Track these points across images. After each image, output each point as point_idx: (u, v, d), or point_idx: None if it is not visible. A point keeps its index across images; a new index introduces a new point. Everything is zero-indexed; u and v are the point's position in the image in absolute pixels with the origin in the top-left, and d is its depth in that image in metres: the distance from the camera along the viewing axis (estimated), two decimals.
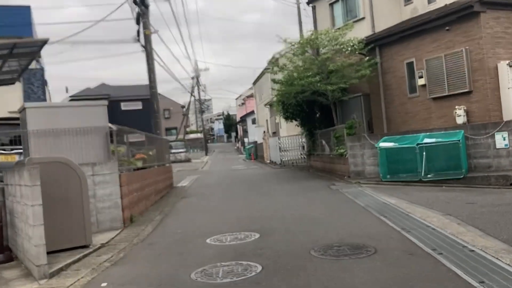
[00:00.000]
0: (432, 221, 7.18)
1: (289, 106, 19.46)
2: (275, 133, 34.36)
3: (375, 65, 16.32)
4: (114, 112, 49.99)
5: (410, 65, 15.50)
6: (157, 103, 18.90)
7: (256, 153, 36.78)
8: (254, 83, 45.79)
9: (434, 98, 14.63)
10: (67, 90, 44.97)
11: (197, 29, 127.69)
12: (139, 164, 12.81)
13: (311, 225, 7.68)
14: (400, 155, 13.05)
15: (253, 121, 49.77)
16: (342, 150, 15.07)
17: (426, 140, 12.59)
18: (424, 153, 12.39)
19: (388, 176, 13.07)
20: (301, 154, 23.74)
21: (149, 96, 45.96)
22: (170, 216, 10.45)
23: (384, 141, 13.40)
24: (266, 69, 38.07)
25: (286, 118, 20.83)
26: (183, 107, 76.09)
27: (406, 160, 12.98)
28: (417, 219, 7.44)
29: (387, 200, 9.82)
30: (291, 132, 29.79)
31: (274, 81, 18.51)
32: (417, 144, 12.49)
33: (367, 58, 16.19)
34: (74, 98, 45.56)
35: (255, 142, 37.59)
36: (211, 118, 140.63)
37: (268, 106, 36.77)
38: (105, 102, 10.55)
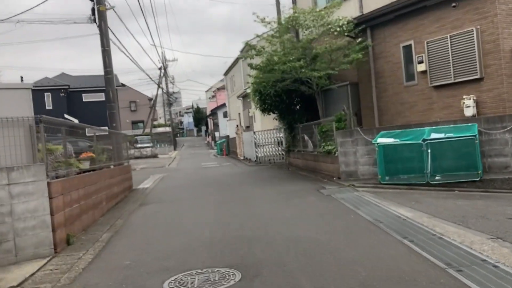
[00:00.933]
0: (484, 250, 5.14)
1: (267, 97, 17.26)
2: (248, 127, 32.17)
3: (366, 49, 14.30)
4: (75, 104, 46.70)
5: (407, 49, 13.53)
6: (113, 92, 16.39)
7: (228, 148, 34.52)
8: (226, 73, 43.41)
9: (437, 87, 12.71)
10: (22, 80, 41.39)
11: (165, 20, 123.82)
12: (85, 165, 10.40)
13: (313, 256, 5.51)
14: (401, 153, 11.07)
15: (225, 115, 47.42)
16: (330, 147, 13.00)
17: (434, 136, 10.63)
18: (429, 150, 10.44)
19: (387, 178, 11.07)
20: (278, 150, 21.60)
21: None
22: (121, 233, 8.11)
23: (382, 136, 11.38)
24: (239, 57, 35.79)
25: (263, 111, 18.62)
26: (150, 99, 72.91)
27: (409, 159, 11.01)
28: (460, 247, 5.38)
29: (399, 212, 7.77)
30: (266, 126, 27.62)
31: (250, 66, 16.26)
32: (423, 140, 10.52)
33: (359, 40, 14.12)
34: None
35: (227, 137, 35.32)
36: (180, 112, 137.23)
37: (241, 98, 34.51)
38: (30, 85, 8.13)
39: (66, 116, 44.04)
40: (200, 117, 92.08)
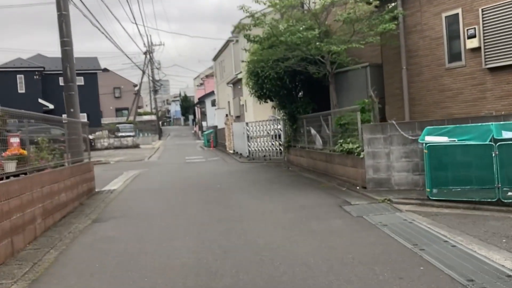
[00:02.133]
0: None
1: (265, 80, 13.99)
2: (239, 117, 28.91)
3: (395, 19, 11.09)
4: (51, 88, 42.90)
5: (452, 20, 10.36)
6: (72, 69, 12.96)
7: (216, 140, 31.23)
8: (215, 58, 39.97)
9: (493, 69, 9.59)
10: None
11: (152, 7, 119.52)
12: (9, 167, 7.13)
13: None
14: (458, 156, 7.93)
15: (213, 103, 44.04)
16: (351, 145, 9.81)
17: (507, 135, 7.52)
18: (500, 154, 7.33)
19: (436, 191, 7.94)
20: (275, 145, 18.35)
21: (92, 70, 39.16)
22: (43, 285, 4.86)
23: (429, 133, 8.23)
24: (229, 40, 32.40)
25: (260, 97, 15.38)
26: (135, 85, 69.09)
27: (468, 166, 7.88)
28: None
29: (496, 261, 4.67)
30: (259, 117, 24.38)
31: (247, 38, 12.90)
32: (494, 141, 7.41)
33: (390, 7, 10.91)
34: None
35: (215, 127, 32.02)
36: (167, 100, 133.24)
37: (231, 85, 31.18)
38: None
39: (40, 100, 40.33)
40: (187, 105, 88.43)
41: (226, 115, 25.55)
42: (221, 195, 10.40)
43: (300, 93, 14.77)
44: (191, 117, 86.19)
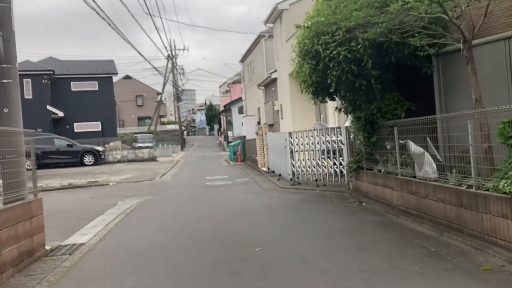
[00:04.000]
0: None
1: (330, 64, 8.45)
2: (272, 126, 23.50)
3: None
4: (62, 93, 38.23)
5: None
6: (9, 40, 7.56)
7: (244, 152, 25.83)
8: (242, 60, 34.76)
9: None
10: None
11: (181, 18, 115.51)
12: None
13: None
14: None
15: (240, 110, 38.80)
16: None
17: None
18: None
19: None
20: (330, 164, 12.66)
21: (107, 74, 34.35)
22: None
23: None
24: (260, 35, 27.12)
25: (317, 93, 9.93)
26: (159, 93, 64.61)
27: None
28: None
29: None
30: (298, 125, 18.93)
31: None
32: None
33: None
34: None
35: (243, 138, 26.66)
36: (193, 109, 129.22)
37: (263, 88, 25.82)
38: None
39: (48, 107, 35.81)
40: (212, 114, 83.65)
41: (258, 123, 20.18)
42: (262, 275, 4.92)
43: (380, 86, 9.20)
44: (216, 126, 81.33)
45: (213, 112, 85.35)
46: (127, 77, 70.88)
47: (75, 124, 37.33)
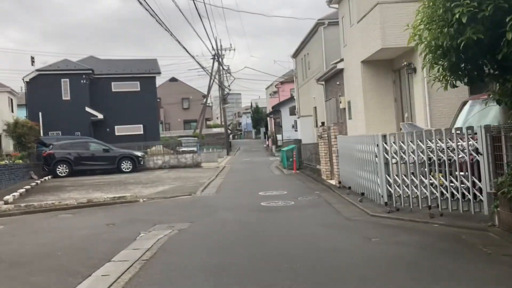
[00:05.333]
0: None
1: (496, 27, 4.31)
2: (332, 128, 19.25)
3: None
4: (102, 94, 35.39)
5: None
6: None
7: (299, 159, 21.75)
8: (295, 55, 30.71)
9: None
10: (33, 62, 31.04)
11: (227, 23, 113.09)
12: None
13: None
14: None
15: (292, 111, 34.73)
16: None
17: None
18: None
19: None
20: (441, 181, 8.33)
21: (150, 74, 31.40)
22: None
23: None
24: (318, 23, 23.00)
25: (474, 78, 5.74)
26: (204, 96, 61.62)
27: None
28: None
29: None
30: (374, 127, 14.82)
31: None
32: None
33: None
34: (41, 71, 31.52)
35: (298, 142, 22.57)
36: (238, 112, 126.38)
37: (323, 83, 21.66)
38: None
39: (87, 109, 33.18)
40: (259, 117, 79.95)
41: (322, 123, 15.99)
42: None
43: None
44: (262, 129, 77.59)
45: (259, 115, 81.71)
46: (173, 80, 68.47)
47: (116, 127, 34.55)
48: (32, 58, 30.81)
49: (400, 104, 15.48)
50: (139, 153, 25.70)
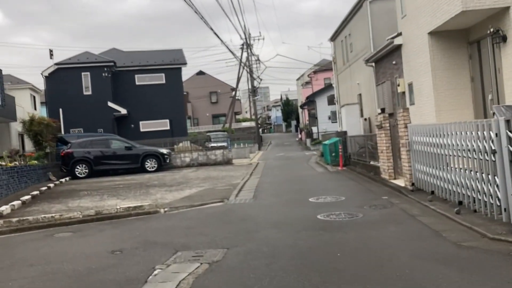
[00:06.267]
0: None
1: None
2: (391, 116, 16.20)
3: None
4: (125, 88, 32.98)
5: None
6: None
7: (345, 153, 18.82)
8: (333, 38, 27.61)
9: None
10: (51, 55, 29.06)
11: (252, 16, 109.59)
12: None
13: None
14: None
15: (330, 101, 31.64)
16: None
17: None
18: None
19: None
20: None
21: (175, 65, 28.97)
22: None
23: None
24: None
25: None
26: (233, 89, 59.08)
27: None
28: None
29: None
30: (449, 114, 11.83)
31: None
32: None
33: None
34: (60, 65, 29.54)
35: (343, 134, 19.59)
36: (267, 106, 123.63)
37: (372, 65, 18.59)
38: None
39: (110, 104, 31.03)
40: (289, 110, 76.97)
41: (382, 110, 12.96)
42: None
43: None
44: (293, 122, 74.62)
45: (289, 107, 78.72)
46: (200, 73, 66.23)
47: (140, 123, 32.33)
48: (51, 51, 28.82)
49: (479, 84, 12.33)
50: (164, 151, 23.28)
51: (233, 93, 54.93)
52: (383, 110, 12.71)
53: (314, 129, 39.11)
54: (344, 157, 18.61)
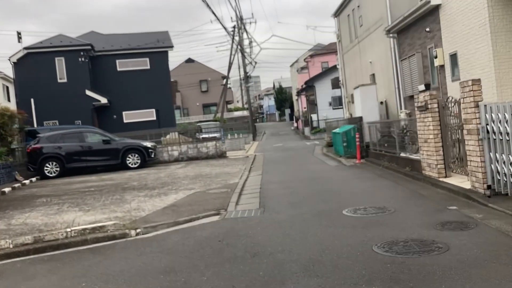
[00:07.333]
0: None
1: None
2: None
3: None
4: (106, 75, 28.60)
5: None
6: None
7: (362, 143, 15.70)
8: (337, 13, 24.36)
9: None
10: (19, 38, 25.44)
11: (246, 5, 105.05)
12: None
13: None
14: None
15: (335, 84, 28.44)
16: None
17: None
18: None
19: None
20: None
21: (161, 48, 25.48)
22: None
23: None
24: None
25: None
26: (224, 77, 55.64)
27: None
28: None
29: None
30: (511, 86, 8.64)
31: None
32: None
33: None
34: (31, 49, 26.03)
35: (359, 120, 16.43)
36: (259, 95, 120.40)
37: (395, 36, 15.39)
38: None
39: (88, 93, 27.57)
40: (283, 98, 73.81)
41: (426, 86, 9.84)
42: None
43: None
44: (287, 111, 71.53)
45: (283, 95, 75.56)
46: (190, 61, 62.64)
47: (124, 113, 28.92)
48: (19, 33, 25.21)
49: None
50: (149, 144, 20.00)
51: (224, 81, 51.55)
52: (427, 87, 9.65)
53: (314, 116, 35.98)
54: (363, 149, 15.50)
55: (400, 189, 9.11)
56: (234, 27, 39.67)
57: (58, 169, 18.30)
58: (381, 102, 17.97)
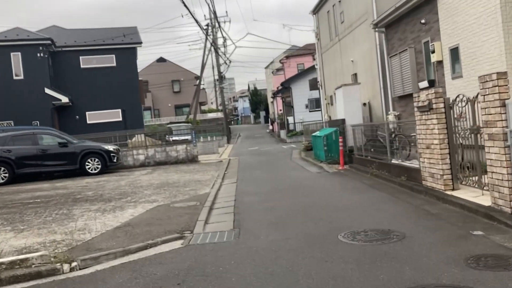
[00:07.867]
0: None
1: None
2: (434, 90, 11.69)
3: None
4: (68, 72, 25.36)
5: None
6: None
7: (346, 148, 14.27)
8: (316, 10, 22.99)
9: None
10: None
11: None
12: None
13: None
14: None
15: (313, 85, 27.07)
16: None
17: None
18: None
19: None
20: None
21: (129, 45, 23.82)
22: None
23: None
24: None
25: None
26: (197, 77, 53.72)
27: None
28: None
29: None
30: None
31: None
32: None
33: None
34: None
35: (341, 122, 15.00)
36: (233, 97, 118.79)
37: (383, 30, 14.02)
38: None
39: (47, 91, 25.32)
40: (258, 100, 72.36)
41: (430, 82, 8.43)
42: None
43: None
44: (262, 113, 70.17)
45: (258, 97, 74.13)
46: (161, 60, 60.41)
47: (87, 113, 26.77)
48: None
49: None
50: (111, 147, 18.06)
51: (198, 81, 49.69)
52: (431, 83, 8.19)
53: (290, 119, 34.58)
54: (346, 153, 14.07)
55: (401, 205, 7.63)
56: (207, 25, 37.93)
57: (6, 175, 16.22)
58: (364, 104, 16.64)
